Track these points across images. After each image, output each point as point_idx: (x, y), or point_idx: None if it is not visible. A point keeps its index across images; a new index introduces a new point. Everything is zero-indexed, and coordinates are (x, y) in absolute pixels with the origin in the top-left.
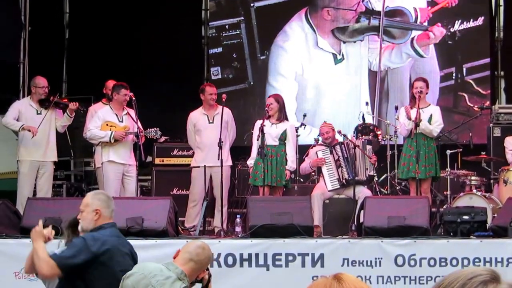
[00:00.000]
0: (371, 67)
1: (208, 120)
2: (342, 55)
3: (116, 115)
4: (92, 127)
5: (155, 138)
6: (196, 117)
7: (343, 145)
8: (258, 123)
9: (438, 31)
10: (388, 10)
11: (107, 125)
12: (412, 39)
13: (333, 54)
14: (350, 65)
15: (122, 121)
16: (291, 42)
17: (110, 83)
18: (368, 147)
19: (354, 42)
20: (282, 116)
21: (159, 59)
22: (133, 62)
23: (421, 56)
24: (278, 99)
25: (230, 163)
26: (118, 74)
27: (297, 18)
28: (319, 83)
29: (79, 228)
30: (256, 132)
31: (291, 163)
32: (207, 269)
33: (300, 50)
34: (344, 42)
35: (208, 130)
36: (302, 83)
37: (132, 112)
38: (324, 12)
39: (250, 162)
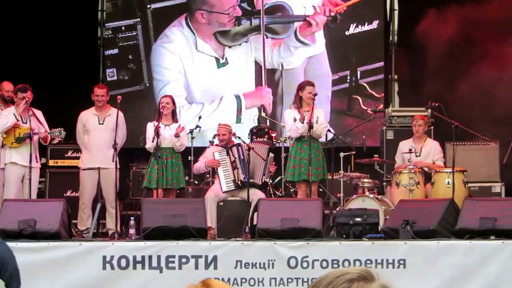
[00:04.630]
0: (266, 65)
1: (99, 121)
2: (226, 59)
3: (21, 116)
4: None
5: (60, 139)
6: (87, 117)
7: (239, 147)
8: (151, 124)
9: (319, 18)
10: (268, 7)
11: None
12: (295, 31)
13: (215, 58)
14: (236, 68)
15: (26, 123)
16: (173, 44)
17: (5, 85)
18: (271, 155)
19: (240, 45)
20: (175, 117)
21: (54, 60)
22: (28, 63)
23: (307, 45)
24: (173, 99)
25: (117, 165)
26: (12, 74)
27: (177, 23)
28: (204, 87)
29: None
30: (150, 134)
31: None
32: None
33: (182, 52)
34: (230, 47)
35: (97, 131)
36: (186, 83)
37: (39, 114)
38: (198, 15)
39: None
